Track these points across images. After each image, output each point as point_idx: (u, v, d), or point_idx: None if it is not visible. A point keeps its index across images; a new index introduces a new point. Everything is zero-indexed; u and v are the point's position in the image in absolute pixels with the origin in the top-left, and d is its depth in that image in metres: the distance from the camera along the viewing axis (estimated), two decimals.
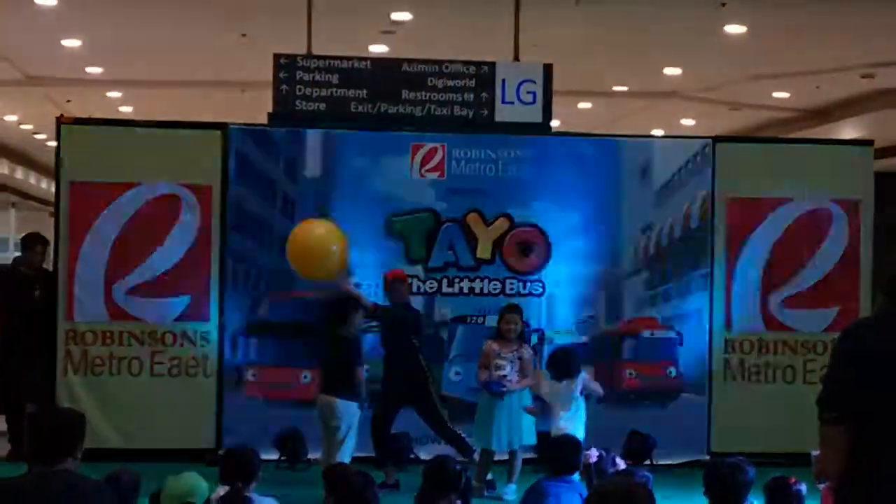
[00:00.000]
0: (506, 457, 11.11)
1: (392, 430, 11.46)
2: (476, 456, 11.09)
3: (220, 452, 10.85)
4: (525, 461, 11.08)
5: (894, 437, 3.41)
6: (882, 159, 16.32)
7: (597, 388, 10.76)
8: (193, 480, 6.51)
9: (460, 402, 12.17)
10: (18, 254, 13.67)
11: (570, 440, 8.48)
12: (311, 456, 12.02)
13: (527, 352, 11.18)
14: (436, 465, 7.21)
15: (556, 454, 8.07)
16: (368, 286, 12.16)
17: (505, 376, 10.94)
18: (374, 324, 11.85)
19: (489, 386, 11.00)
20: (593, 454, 8.73)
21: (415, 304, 11.99)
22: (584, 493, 7.30)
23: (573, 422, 10.31)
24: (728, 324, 12.96)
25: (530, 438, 11.02)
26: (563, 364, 10.62)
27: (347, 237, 11.53)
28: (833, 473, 3.59)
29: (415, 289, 12.46)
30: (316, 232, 11.55)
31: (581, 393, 10.49)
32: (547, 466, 8.04)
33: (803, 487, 7.16)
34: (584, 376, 10.61)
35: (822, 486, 6.38)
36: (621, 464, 8.91)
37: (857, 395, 3.46)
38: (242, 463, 6.86)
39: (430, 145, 12.73)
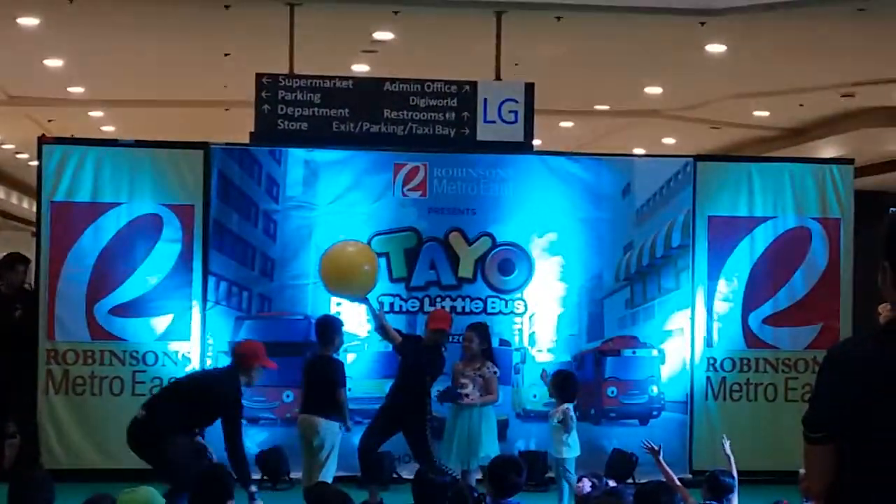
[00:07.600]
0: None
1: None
2: None
3: None
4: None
5: (881, 455, 3.42)
6: (862, 178, 16.40)
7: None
8: (150, 494, 6.47)
9: (440, 421, 12.16)
10: None
11: (511, 460, 8.44)
12: (292, 475, 11.99)
13: (488, 370, 10.97)
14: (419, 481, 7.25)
15: (497, 475, 7.97)
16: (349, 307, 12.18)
17: (467, 395, 10.85)
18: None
19: (449, 394, 10.97)
20: (586, 485, 8.61)
21: (396, 324, 11.91)
22: None
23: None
24: (709, 342, 13.00)
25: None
26: (559, 388, 10.68)
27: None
28: (819, 492, 3.60)
29: (396, 308, 12.51)
30: (349, 249, 11.66)
31: (558, 421, 10.52)
32: (490, 487, 7.96)
33: None
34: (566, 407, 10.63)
35: None
36: (610, 482, 8.87)
37: (844, 414, 3.46)
38: (214, 482, 6.84)
39: (412, 164, 12.74)
